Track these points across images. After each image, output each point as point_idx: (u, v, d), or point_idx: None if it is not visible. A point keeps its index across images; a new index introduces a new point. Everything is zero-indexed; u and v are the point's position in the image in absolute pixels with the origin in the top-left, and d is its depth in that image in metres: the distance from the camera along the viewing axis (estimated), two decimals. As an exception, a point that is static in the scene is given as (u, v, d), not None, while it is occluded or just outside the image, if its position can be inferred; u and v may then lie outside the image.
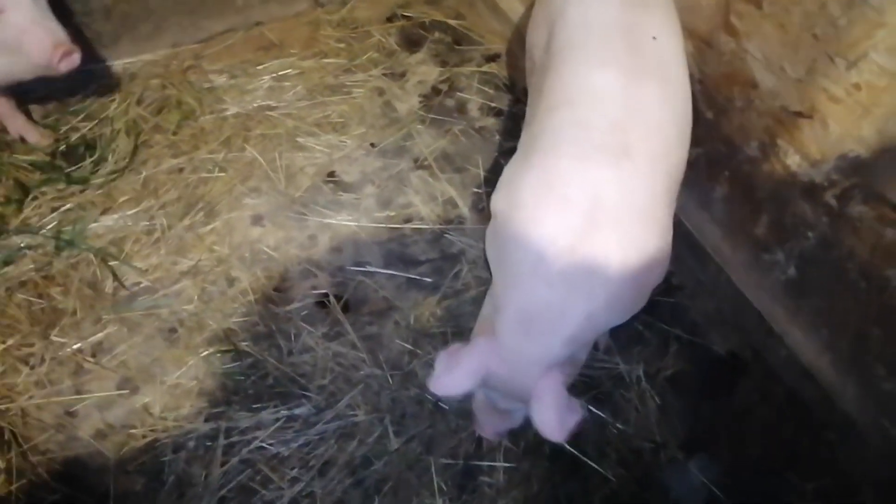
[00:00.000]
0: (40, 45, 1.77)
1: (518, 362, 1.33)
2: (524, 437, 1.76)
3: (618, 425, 1.81)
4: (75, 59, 1.83)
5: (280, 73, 2.57)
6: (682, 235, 2.02)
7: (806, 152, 1.63)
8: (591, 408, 1.82)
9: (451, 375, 1.32)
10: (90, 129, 2.32)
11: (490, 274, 1.51)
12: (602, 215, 1.31)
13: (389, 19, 2.88)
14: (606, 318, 1.40)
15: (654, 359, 1.92)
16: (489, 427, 1.58)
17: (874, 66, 1.40)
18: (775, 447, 1.80)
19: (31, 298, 1.91)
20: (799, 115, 1.61)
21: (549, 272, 1.30)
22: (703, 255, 1.98)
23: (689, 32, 1.84)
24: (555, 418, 1.27)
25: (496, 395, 1.44)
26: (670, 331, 1.98)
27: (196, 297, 1.96)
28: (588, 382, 1.86)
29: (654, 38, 1.55)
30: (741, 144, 1.81)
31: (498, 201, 1.47)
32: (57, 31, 1.81)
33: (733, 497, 1.72)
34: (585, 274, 1.30)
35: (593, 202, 1.32)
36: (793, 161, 1.67)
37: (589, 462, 1.74)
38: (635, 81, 1.46)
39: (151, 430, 1.73)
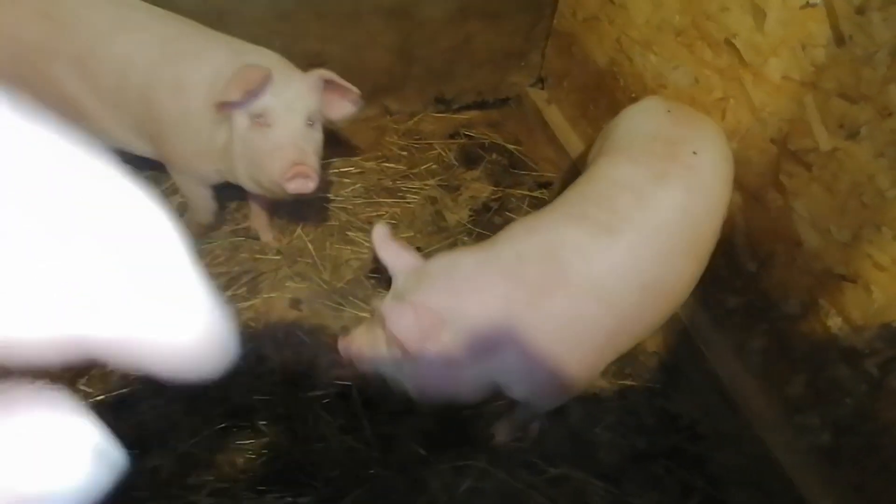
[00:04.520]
0: (281, 161, 1.70)
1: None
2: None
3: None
4: (308, 185, 1.74)
5: (342, 170, 2.71)
6: (712, 382, 1.99)
7: (848, 316, 1.63)
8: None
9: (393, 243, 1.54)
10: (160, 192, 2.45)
11: None
12: (557, 278, 1.45)
13: (452, 136, 3.04)
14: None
15: (672, 507, 1.85)
16: (356, 342, 1.59)
17: (920, 240, 1.43)
18: None
19: (68, 345, 1.96)
20: (842, 278, 1.63)
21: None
22: (733, 407, 1.93)
23: (739, 185, 1.91)
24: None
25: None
26: (691, 481, 1.90)
27: (223, 369, 1.98)
28: (601, 521, 1.79)
29: (694, 152, 1.70)
30: (781, 300, 1.81)
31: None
32: (306, 155, 1.73)
33: None
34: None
35: (554, 259, 1.47)
36: (833, 323, 1.67)
37: None
38: (661, 182, 1.60)
39: (153, 496, 1.71)
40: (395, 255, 1.55)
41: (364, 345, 1.57)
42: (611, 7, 2.49)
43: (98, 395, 1.87)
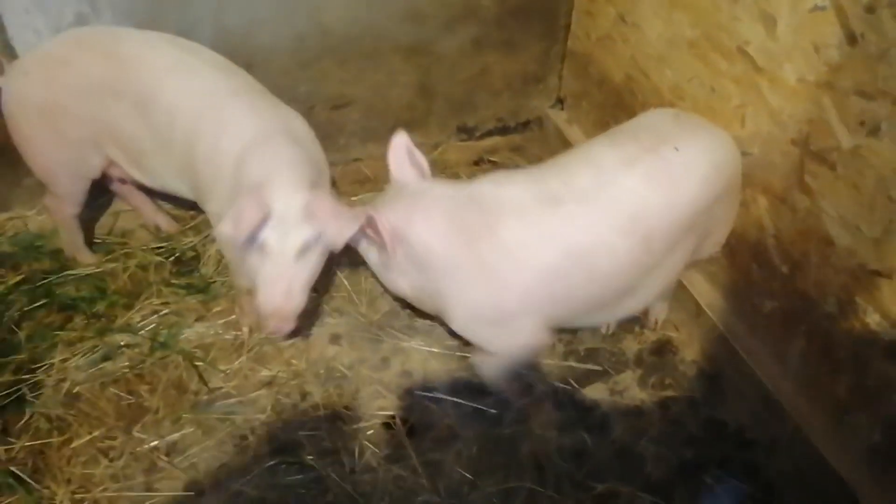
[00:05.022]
0: (263, 302, 1.74)
1: None
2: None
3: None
4: (279, 331, 1.78)
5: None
6: (755, 388, 1.98)
7: (886, 312, 1.61)
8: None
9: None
10: (201, 243, 2.55)
11: None
12: (490, 230, 1.65)
13: (476, 163, 3.10)
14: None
15: (725, 517, 1.83)
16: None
17: (951, 230, 1.42)
18: None
19: (122, 394, 2.04)
20: (877, 274, 1.62)
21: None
22: (779, 411, 1.91)
23: (765, 189, 1.92)
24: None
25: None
26: (744, 488, 1.88)
27: (269, 408, 2.04)
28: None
29: (676, 148, 1.76)
30: (818, 300, 1.80)
31: None
32: (291, 299, 1.75)
33: None
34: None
35: (497, 212, 1.67)
36: (872, 320, 1.65)
37: None
38: (627, 165, 1.71)
39: (210, 536, 1.76)
40: (401, 166, 1.84)
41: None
42: (623, 26, 2.53)
43: (152, 441, 1.94)
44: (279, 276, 1.74)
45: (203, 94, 1.95)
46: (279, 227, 1.72)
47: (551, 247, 1.66)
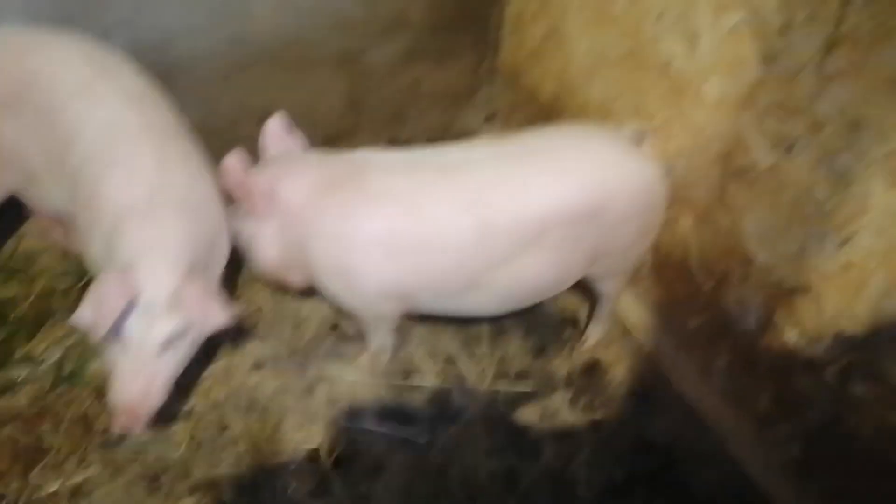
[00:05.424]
0: (116, 398, 1.57)
1: None
2: None
3: None
4: (130, 429, 1.58)
5: (297, 224, 2.68)
6: (682, 405, 1.98)
7: (803, 327, 1.64)
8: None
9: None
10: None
11: None
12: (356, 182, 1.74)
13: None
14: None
15: (654, 538, 1.81)
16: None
17: (863, 247, 1.44)
18: None
19: (18, 435, 1.88)
20: (794, 291, 1.63)
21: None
22: (705, 427, 1.92)
23: (688, 206, 1.93)
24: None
25: None
26: (673, 508, 1.88)
27: (185, 443, 1.92)
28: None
29: (550, 154, 1.78)
30: (739, 317, 1.82)
31: None
32: (147, 399, 1.57)
33: None
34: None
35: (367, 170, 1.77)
36: (790, 336, 1.67)
37: None
38: (493, 155, 1.79)
39: (117, 586, 1.63)
40: (277, 144, 1.90)
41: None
42: (552, 42, 2.53)
43: (51, 487, 1.79)
44: (137, 373, 1.56)
45: (106, 126, 1.75)
46: (143, 316, 1.54)
47: (399, 206, 1.73)
